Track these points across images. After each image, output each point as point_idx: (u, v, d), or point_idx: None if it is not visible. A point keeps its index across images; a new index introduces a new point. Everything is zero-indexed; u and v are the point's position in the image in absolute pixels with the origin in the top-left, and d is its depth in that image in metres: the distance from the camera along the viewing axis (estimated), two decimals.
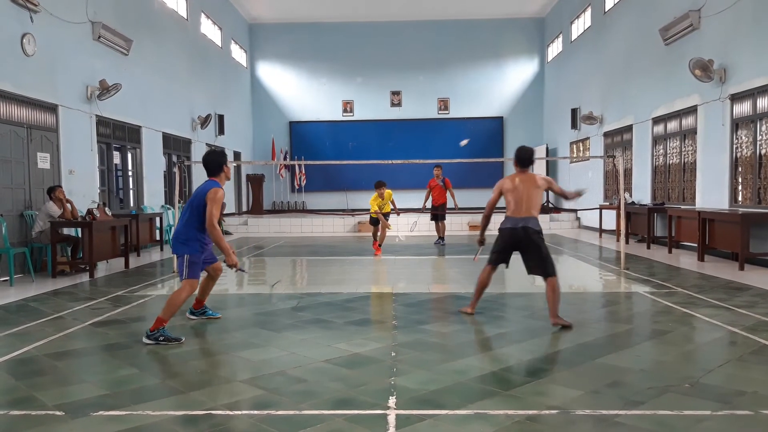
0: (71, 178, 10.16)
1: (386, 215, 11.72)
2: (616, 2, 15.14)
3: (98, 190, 11.32)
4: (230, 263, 5.21)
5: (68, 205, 8.99)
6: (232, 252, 5.24)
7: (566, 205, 19.32)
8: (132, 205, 13.06)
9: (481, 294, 5.96)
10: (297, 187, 21.99)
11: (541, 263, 5.54)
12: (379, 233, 11.61)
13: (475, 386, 3.73)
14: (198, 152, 16.53)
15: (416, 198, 19.61)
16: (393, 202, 11.97)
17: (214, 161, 5.39)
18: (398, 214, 12.50)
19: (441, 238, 13.18)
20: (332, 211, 19.86)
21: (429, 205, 13.39)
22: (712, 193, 10.51)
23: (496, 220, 6.12)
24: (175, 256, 5.38)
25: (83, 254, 9.09)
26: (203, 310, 5.82)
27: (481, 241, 6.25)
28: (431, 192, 13.13)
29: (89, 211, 9.21)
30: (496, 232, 5.95)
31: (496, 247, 5.85)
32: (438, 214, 13.08)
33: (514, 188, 5.87)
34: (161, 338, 4.89)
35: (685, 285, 7.37)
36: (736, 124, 9.84)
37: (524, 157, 5.98)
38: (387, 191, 11.65)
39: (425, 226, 15.90)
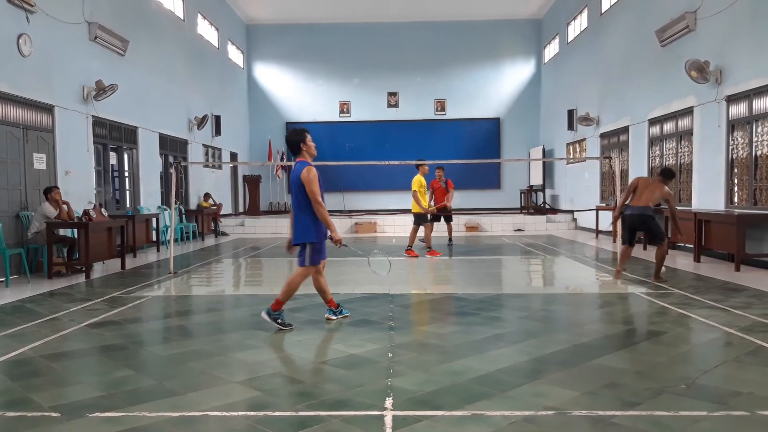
0: (67, 178, 10.14)
1: (425, 217, 11.29)
2: (612, 4, 15.17)
3: (94, 191, 11.30)
4: (335, 239, 5.33)
5: (64, 207, 8.97)
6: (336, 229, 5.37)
7: (563, 206, 19.36)
8: (128, 205, 13.04)
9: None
10: None
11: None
12: (423, 233, 11.36)
13: (472, 387, 3.73)
14: (194, 153, 16.53)
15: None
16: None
17: (291, 140, 5.44)
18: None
19: (449, 239, 13.28)
20: (329, 212, 19.81)
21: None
22: (708, 194, 10.54)
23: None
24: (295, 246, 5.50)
25: (79, 255, 9.06)
26: (340, 309, 5.78)
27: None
28: (434, 193, 13.01)
29: (85, 212, 9.19)
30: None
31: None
32: (444, 215, 13.04)
33: (638, 185, 7.83)
34: (278, 321, 5.30)
35: (681, 286, 7.38)
36: (732, 125, 9.88)
37: (664, 172, 7.94)
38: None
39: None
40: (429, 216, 11.58)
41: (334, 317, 5.65)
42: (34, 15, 9.21)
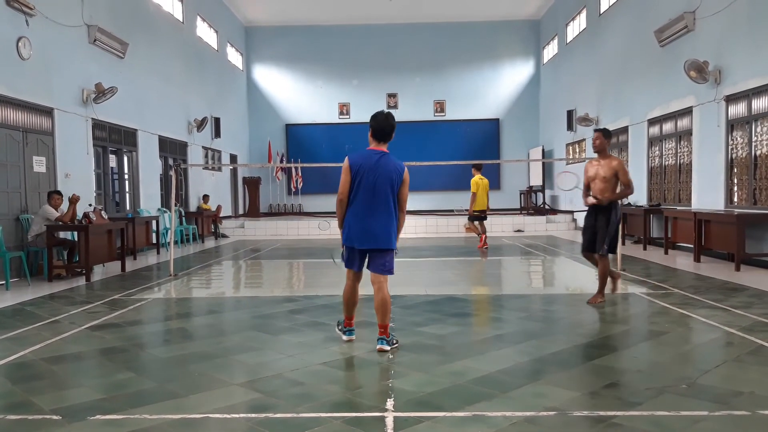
0: (67, 181, 10.13)
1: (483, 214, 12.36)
2: (611, 4, 15.19)
3: (94, 194, 11.29)
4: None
5: (74, 206, 8.96)
6: None
7: (563, 207, 19.36)
8: (128, 208, 13.04)
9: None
10: (293, 189, 21.98)
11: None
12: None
13: (473, 388, 3.73)
14: (194, 155, 16.53)
15: (412, 200, 19.63)
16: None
17: (390, 125, 4.72)
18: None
19: None
20: (329, 214, 19.84)
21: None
22: (707, 194, 10.54)
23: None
24: (379, 252, 4.69)
25: (79, 258, 9.06)
26: (351, 329, 4.98)
27: None
28: None
29: (85, 215, 9.19)
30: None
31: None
32: None
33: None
34: (395, 342, 4.74)
35: (682, 286, 7.38)
36: (731, 125, 9.88)
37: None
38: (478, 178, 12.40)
39: (422, 228, 16.02)
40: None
41: (345, 337, 4.94)
42: (34, 18, 9.21)
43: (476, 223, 12.52)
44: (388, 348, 4.61)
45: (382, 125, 4.68)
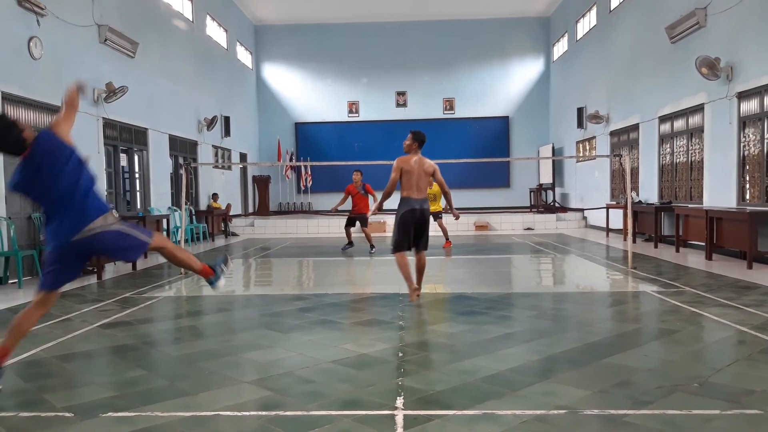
0: None
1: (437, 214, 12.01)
2: (621, 1, 15.09)
3: (105, 193, 11.37)
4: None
5: None
6: None
7: (573, 204, 19.28)
8: (139, 207, 13.11)
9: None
10: (303, 188, 22.03)
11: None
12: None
13: (483, 386, 3.72)
14: (204, 154, 16.60)
15: None
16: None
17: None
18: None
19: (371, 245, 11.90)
20: (338, 212, 19.85)
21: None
22: (719, 191, 10.46)
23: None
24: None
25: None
26: None
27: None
28: (353, 199, 12.32)
29: None
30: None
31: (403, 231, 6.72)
32: (361, 220, 12.10)
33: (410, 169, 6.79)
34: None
35: (693, 284, 7.33)
36: (744, 122, 9.80)
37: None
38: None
39: (431, 226, 15.94)
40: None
41: None
42: (45, 18, 9.28)
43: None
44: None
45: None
